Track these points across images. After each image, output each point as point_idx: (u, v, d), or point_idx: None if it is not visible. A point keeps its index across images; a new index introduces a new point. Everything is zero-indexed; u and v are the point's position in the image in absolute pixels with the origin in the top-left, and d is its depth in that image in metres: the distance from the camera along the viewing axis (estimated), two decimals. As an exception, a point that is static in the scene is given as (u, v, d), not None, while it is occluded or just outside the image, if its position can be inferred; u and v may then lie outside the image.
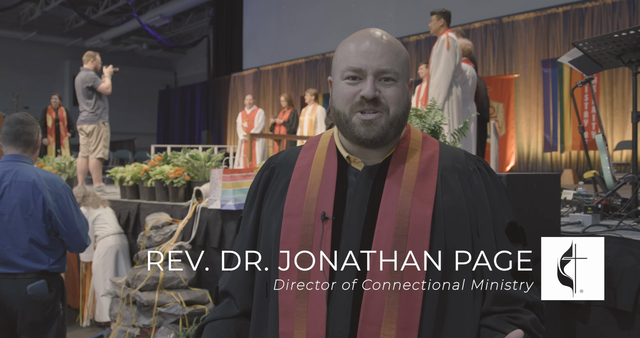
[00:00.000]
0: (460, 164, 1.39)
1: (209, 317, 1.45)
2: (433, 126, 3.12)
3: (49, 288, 3.03)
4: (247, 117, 10.47)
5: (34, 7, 19.05)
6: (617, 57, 3.32)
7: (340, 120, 1.35)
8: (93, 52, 7.13)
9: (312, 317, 1.27)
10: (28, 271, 2.98)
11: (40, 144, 3.26)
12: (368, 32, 1.36)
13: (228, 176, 4.03)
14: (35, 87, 21.07)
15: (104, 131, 6.89)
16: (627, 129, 9.50)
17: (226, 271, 1.49)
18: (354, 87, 1.32)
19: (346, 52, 1.35)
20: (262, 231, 1.43)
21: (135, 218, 5.08)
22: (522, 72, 11.01)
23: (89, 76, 6.75)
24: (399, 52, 1.34)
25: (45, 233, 3.04)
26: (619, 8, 9.83)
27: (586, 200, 3.35)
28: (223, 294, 1.47)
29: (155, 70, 24.70)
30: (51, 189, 3.07)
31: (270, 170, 1.49)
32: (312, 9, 15.50)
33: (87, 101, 6.77)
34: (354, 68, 1.31)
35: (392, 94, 1.31)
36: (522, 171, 10.75)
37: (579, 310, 2.58)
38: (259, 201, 1.46)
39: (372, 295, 1.24)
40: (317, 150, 1.45)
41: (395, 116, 1.32)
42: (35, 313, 2.98)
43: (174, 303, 3.99)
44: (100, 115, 6.84)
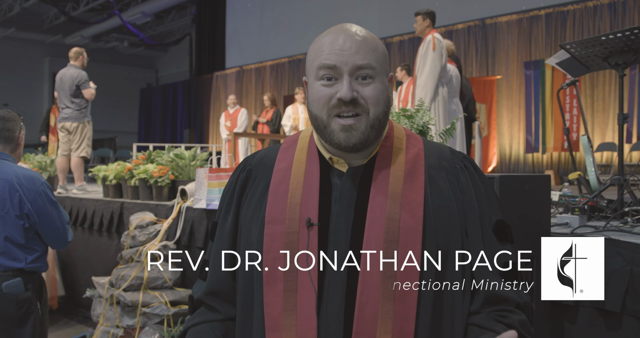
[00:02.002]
0: (447, 162, 1.33)
1: (192, 321, 1.36)
2: (421, 127, 3.13)
3: (25, 287, 3.00)
4: (230, 117, 10.47)
5: (12, 3, 18.77)
6: (604, 59, 3.35)
7: (318, 125, 1.27)
8: (80, 48, 7.00)
9: (302, 330, 1.20)
10: (5, 269, 2.95)
11: (22, 141, 3.20)
12: (342, 27, 1.28)
13: (214, 175, 4.00)
14: (15, 84, 20.83)
15: (88, 130, 6.80)
16: (608, 131, 9.61)
17: (201, 280, 1.40)
18: (330, 89, 1.24)
19: (319, 50, 1.27)
20: (241, 237, 1.34)
21: (118, 217, 5.02)
22: (505, 73, 11.09)
23: (81, 75, 6.65)
24: (375, 47, 1.26)
25: (22, 232, 3.00)
26: (600, 11, 9.95)
27: (572, 201, 3.38)
28: (199, 302, 1.38)
29: (137, 68, 24.48)
30: (29, 187, 3.03)
31: (247, 172, 1.39)
32: (295, 9, 15.48)
33: (73, 99, 6.67)
34: (328, 65, 1.23)
35: (370, 94, 1.23)
36: (503, 172, 10.82)
37: (568, 311, 2.59)
38: (236, 206, 1.37)
39: (364, 305, 1.18)
40: (297, 151, 1.36)
41: (375, 117, 1.25)
42: (10, 311, 2.95)
43: (158, 303, 3.95)
44: (85, 113, 6.76)
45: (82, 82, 6.61)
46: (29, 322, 3.01)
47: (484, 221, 1.29)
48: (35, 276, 3.10)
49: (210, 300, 1.35)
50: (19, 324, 2.98)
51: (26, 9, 19.01)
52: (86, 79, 6.65)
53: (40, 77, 22.53)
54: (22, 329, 3.00)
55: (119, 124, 21.71)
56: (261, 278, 1.25)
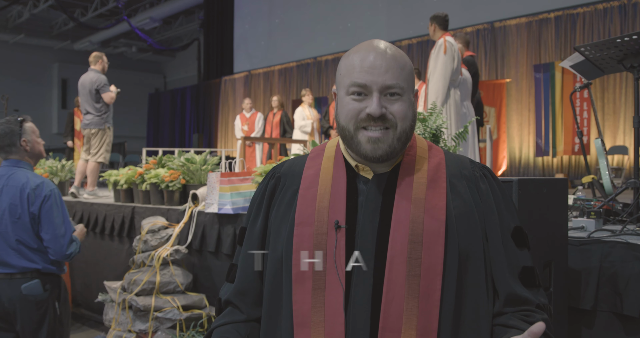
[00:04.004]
0: (467, 170, 1.39)
1: (217, 322, 1.42)
2: (434, 130, 3.12)
3: (44, 288, 3.13)
4: (247, 121, 10.49)
5: (22, 9, 18.90)
6: (619, 62, 3.32)
7: (345, 136, 1.34)
8: (100, 53, 7.07)
9: (330, 326, 1.25)
10: (23, 271, 3.08)
11: (33, 144, 3.29)
12: (372, 44, 1.34)
13: (226, 179, 4.00)
14: (24, 89, 20.96)
15: (108, 136, 6.86)
16: (619, 134, 9.55)
17: (229, 283, 1.47)
18: (359, 103, 1.30)
19: (350, 67, 1.32)
20: (270, 240, 1.40)
21: (130, 221, 5.02)
22: (514, 76, 11.06)
23: (100, 79, 6.69)
24: (403, 66, 1.32)
25: (34, 236, 3.13)
26: (610, 13, 9.91)
27: (587, 205, 3.35)
28: (226, 303, 1.44)
29: (145, 73, 24.59)
30: (37, 193, 3.14)
31: (276, 179, 1.46)
32: (303, 13, 15.50)
33: (95, 104, 6.72)
34: (359, 84, 1.29)
35: (398, 109, 1.30)
36: (513, 175, 10.77)
37: (585, 315, 2.57)
38: (265, 211, 1.44)
39: (390, 302, 1.24)
40: (324, 159, 1.44)
41: (403, 131, 1.31)
42: (30, 311, 3.08)
43: (170, 308, 3.94)
44: (106, 119, 6.82)
45: (102, 86, 6.67)
46: (45, 321, 3.13)
47: (503, 227, 1.35)
48: (53, 278, 3.21)
49: (237, 299, 1.42)
50: (38, 324, 3.11)
51: (35, 15, 19.13)
52: (105, 83, 6.71)
53: (50, 83, 22.68)
54: (40, 329, 3.11)
55: (127, 129, 21.77)
56: (290, 277, 1.31)
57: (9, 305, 3.04)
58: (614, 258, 2.49)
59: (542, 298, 1.32)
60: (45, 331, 3.12)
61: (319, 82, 14.87)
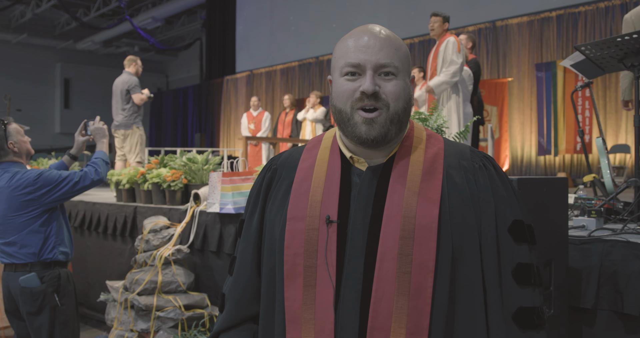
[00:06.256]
0: (466, 161, 1.34)
1: (220, 326, 1.42)
2: (435, 129, 3.13)
3: (41, 280, 3.23)
4: (254, 120, 10.47)
5: (24, 9, 18.92)
6: (620, 61, 3.32)
7: (342, 118, 1.30)
8: (134, 56, 7.38)
9: (320, 324, 1.24)
10: (24, 261, 3.22)
11: (20, 144, 3.34)
12: (366, 27, 1.32)
13: (227, 179, 4.01)
14: (27, 90, 20.97)
15: (139, 136, 7.03)
16: (620, 132, 9.54)
17: (230, 276, 1.47)
18: (353, 83, 1.28)
19: (344, 49, 1.30)
20: (265, 233, 1.40)
21: (132, 221, 5.03)
22: (516, 75, 11.05)
23: (132, 80, 6.88)
24: (398, 47, 1.30)
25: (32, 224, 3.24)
26: (612, 12, 9.89)
27: (588, 204, 3.35)
28: (222, 297, 1.46)
29: (147, 73, 24.41)
30: (28, 175, 3.23)
31: (273, 171, 1.45)
32: (305, 12, 15.50)
33: (125, 105, 6.90)
34: (353, 63, 1.27)
35: (392, 89, 1.27)
36: (515, 174, 10.76)
37: (586, 314, 2.57)
38: (262, 204, 1.43)
39: (379, 300, 1.21)
40: (320, 151, 1.41)
41: (395, 112, 1.27)
42: (27, 301, 3.22)
43: (172, 307, 3.95)
44: (134, 120, 6.96)
45: (133, 87, 6.86)
46: (44, 311, 3.24)
47: (499, 220, 1.30)
48: (52, 271, 3.29)
49: (234, 294, 1.42)
50: (36, 315, 3.23)
51: (38, 15, 19.15)
52: (137, 84, 6.88)
53: (52, 83, 22.69)
54: (38, 319, 3.23)
55: (129, 128, 21.76)
56: (282, 273, 1.30)
57: (15, 294, 3.24)
58: (614, 257, 2.49)
59: (536, 299, 1.28)
60: (47, 321, 3.22)
61: (320, 82, 14.87)
